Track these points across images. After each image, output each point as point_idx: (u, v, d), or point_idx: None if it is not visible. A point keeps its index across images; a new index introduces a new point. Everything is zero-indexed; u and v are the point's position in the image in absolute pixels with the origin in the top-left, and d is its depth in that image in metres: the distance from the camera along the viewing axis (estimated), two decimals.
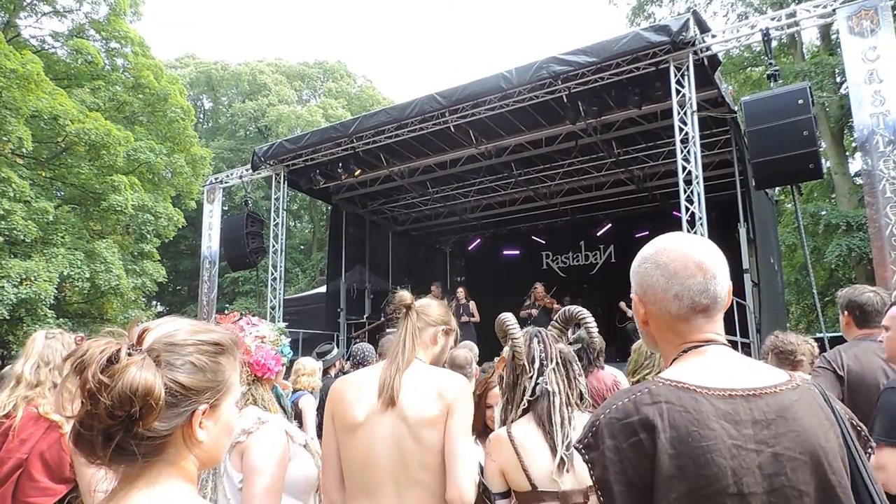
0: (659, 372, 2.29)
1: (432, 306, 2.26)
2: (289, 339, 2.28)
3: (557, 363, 2.04)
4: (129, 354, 0.97)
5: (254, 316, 2.33)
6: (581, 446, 1.12)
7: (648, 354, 2.95)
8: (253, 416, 2.01)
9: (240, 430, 1.96)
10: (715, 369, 1.11)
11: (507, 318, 2.17)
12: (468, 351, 4.12)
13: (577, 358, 2.12)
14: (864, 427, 1.13)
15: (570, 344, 2.27)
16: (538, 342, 2.08)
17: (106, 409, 0.92)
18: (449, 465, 1.89)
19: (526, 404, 2.02)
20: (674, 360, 1.17)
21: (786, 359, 3.36)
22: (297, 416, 5.16)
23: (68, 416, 0.98)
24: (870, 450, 1.12)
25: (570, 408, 1.98)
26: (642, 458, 1.03)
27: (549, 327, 2.21)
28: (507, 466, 1.95)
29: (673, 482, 1.00)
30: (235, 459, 1.95)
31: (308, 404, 5.05)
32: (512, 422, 2.03)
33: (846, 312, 2.97)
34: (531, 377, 2.03)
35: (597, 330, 2.20)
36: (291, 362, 6.00)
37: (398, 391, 1.95)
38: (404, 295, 2.19)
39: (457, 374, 2.14)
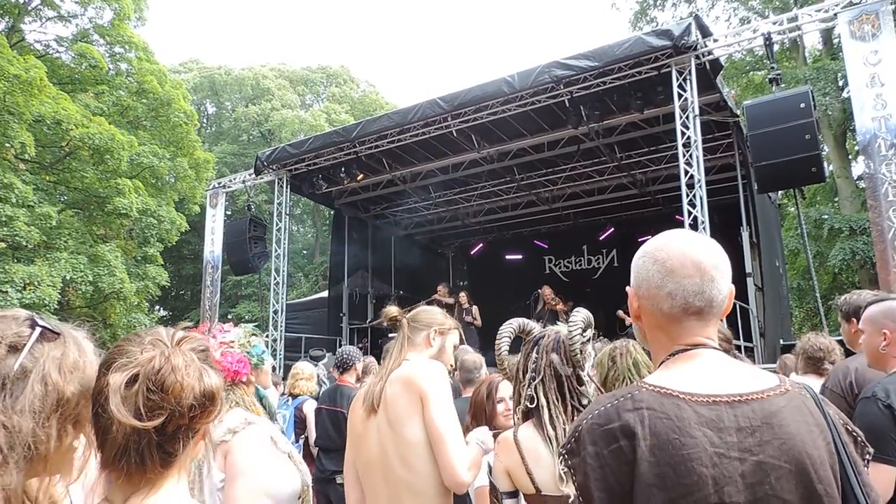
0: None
1: (423, 312, 2.33)
2: (260, 339, 2.27)
3: (545, 377, 1.99)
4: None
5: (252, 322, 2.33)
6: (564, 451, 1.10)
7: (611, 364, 2.43)
8: (240, 417, 2.01)
9: (225, 429, 1.95)
10: (701, 374, 1.08)
11: (503, 329, 2.15)
12: (478, 356, 4.11)
13: (577, 367, 1.99)
14: (860, 433, 1.09)
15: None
16: (536, 351, 2.05)
17: (189, 406, 0.98)
18: (436, 451, 1.97)
19: (520, 413, 2.03)
20: (662, 363, 1.15)
21: (815, 362, 3.45)
22: (302, 422, 5.12)
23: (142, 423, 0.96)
24: (867, 456, 1.09)
25: (564, 420, 1.94)
26: (623, 465, 1.00)
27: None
28: (513, 468, 1.97)
29: (652, 490, 0.97)
30: (219, 459, 1.94)
31: (311, 410, 4.99)
32: (516, 425, 2.04)
33: (854, 320, 2.66)
34: (524, 386, 2.02)
35: (579, 333, 1.99)
36: (289, 366, 5.99)
37: (377, 399, 2.09)
38: (390, 309, 2.32)
39: (430, 361, 2.21)
